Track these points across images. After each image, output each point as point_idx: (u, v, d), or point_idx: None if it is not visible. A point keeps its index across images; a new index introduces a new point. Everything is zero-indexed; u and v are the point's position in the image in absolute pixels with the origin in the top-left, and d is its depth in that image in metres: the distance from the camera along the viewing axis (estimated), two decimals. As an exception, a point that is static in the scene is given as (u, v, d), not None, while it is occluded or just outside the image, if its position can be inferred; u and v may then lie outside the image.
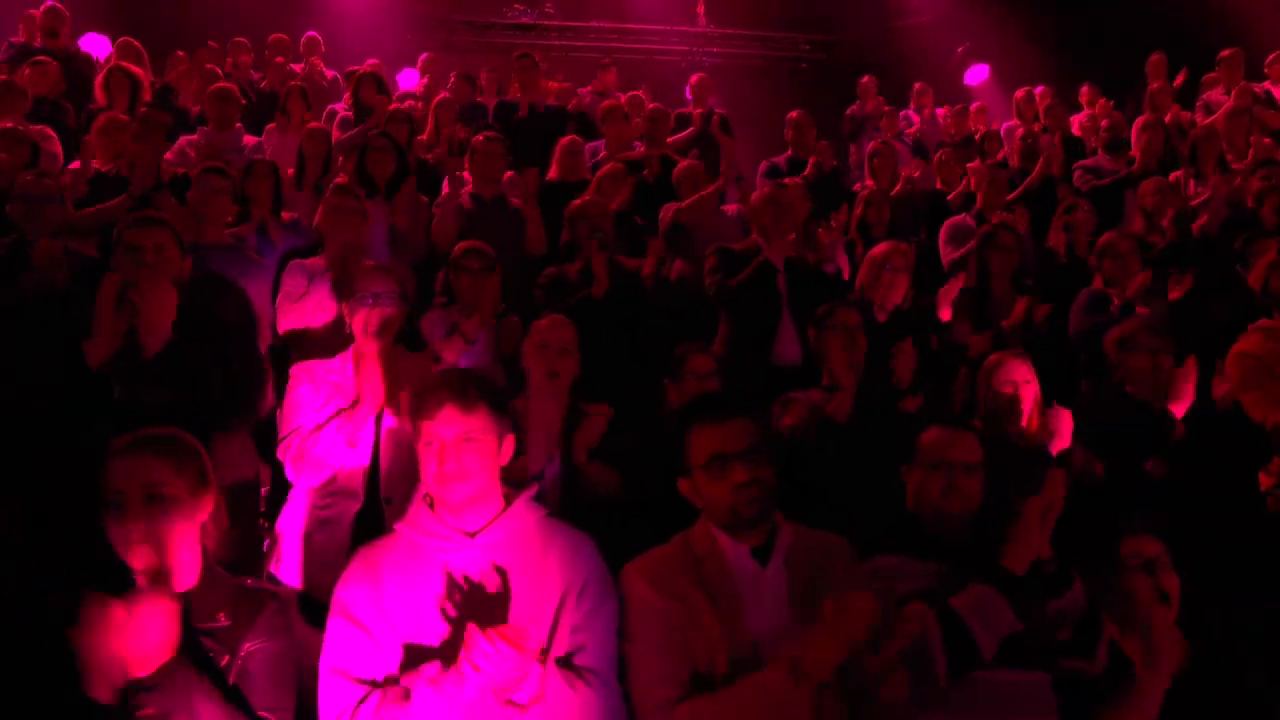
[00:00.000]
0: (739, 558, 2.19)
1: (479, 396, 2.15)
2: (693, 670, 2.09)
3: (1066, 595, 2.36)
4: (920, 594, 2.30)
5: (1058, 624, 2.35)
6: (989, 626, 2.23)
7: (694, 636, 2.10)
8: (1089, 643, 2.38)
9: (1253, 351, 3.77)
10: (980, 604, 2.24)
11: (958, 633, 2.21)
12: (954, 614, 2.22)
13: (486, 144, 5.15)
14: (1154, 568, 2.54)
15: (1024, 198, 6.32)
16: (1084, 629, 2.38)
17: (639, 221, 5.30)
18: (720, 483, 2.17)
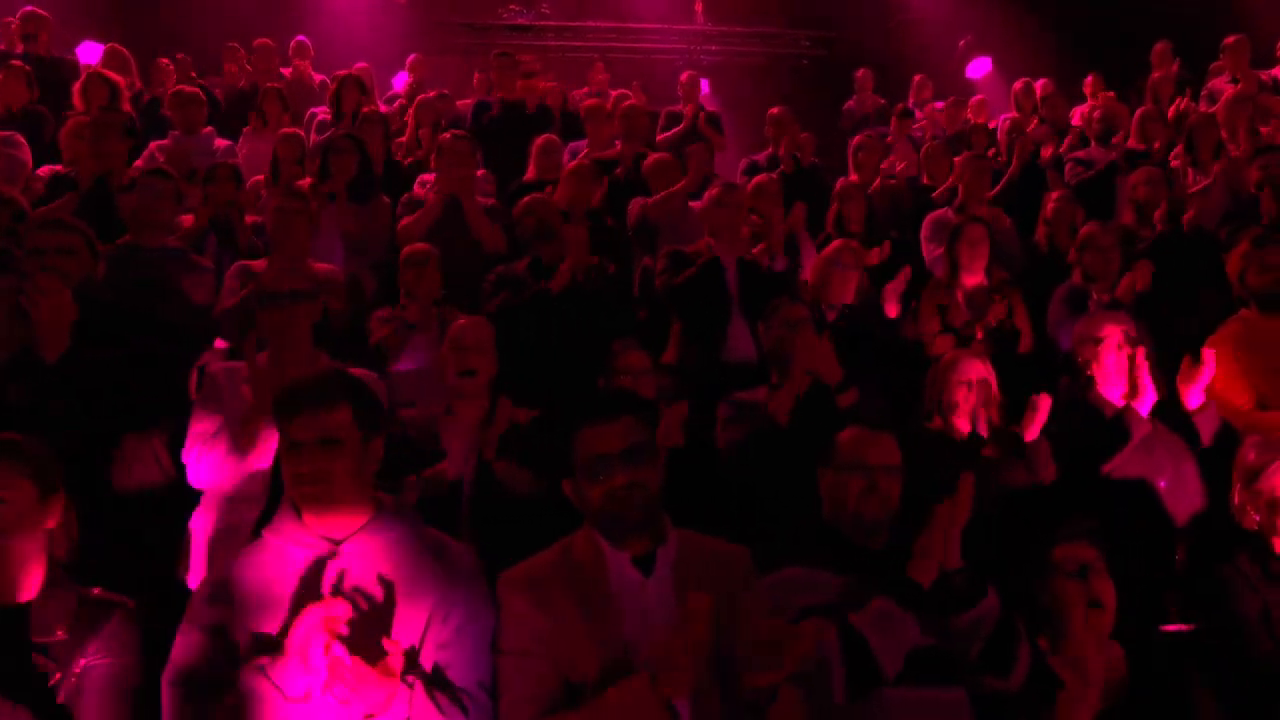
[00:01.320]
0: (620, 567, 2.07)
1: (341, 397, 2.05)
2: (565, 684, 1.98)
3: (978, 607, 2.21)
4: (823, 608, 2.17)
5: (969, 637, 2.20)
6: (891, 642, 2.10)
7: (566, 650, 1.99)
8: (1004, 658, 2.22)
9: (1228, 344, 3.61)
10: (881, 619, 2.11)
11: (857, 649, 2.08)
12: (853, 630, 2.09)
13: (453, 143, 5.07)
14: (1087, 575, 2.38)
15: (1009, 191, 6.15)
16: (998, 643, 2.22)
17: (609, 221, 5.19)
18: (598, 485, 2.06)
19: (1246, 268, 3.68)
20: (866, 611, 2.11)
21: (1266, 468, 2.60)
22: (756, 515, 2.89)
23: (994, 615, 2.21)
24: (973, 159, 5.70)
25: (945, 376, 3.45)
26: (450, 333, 3.23)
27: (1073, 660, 2.37)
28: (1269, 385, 3.47)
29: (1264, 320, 3.61)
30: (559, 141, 6.05)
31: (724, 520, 2.91)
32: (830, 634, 2.09)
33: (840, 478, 2.41)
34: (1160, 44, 8.55)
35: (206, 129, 5.94)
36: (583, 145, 6.82)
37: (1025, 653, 2.24)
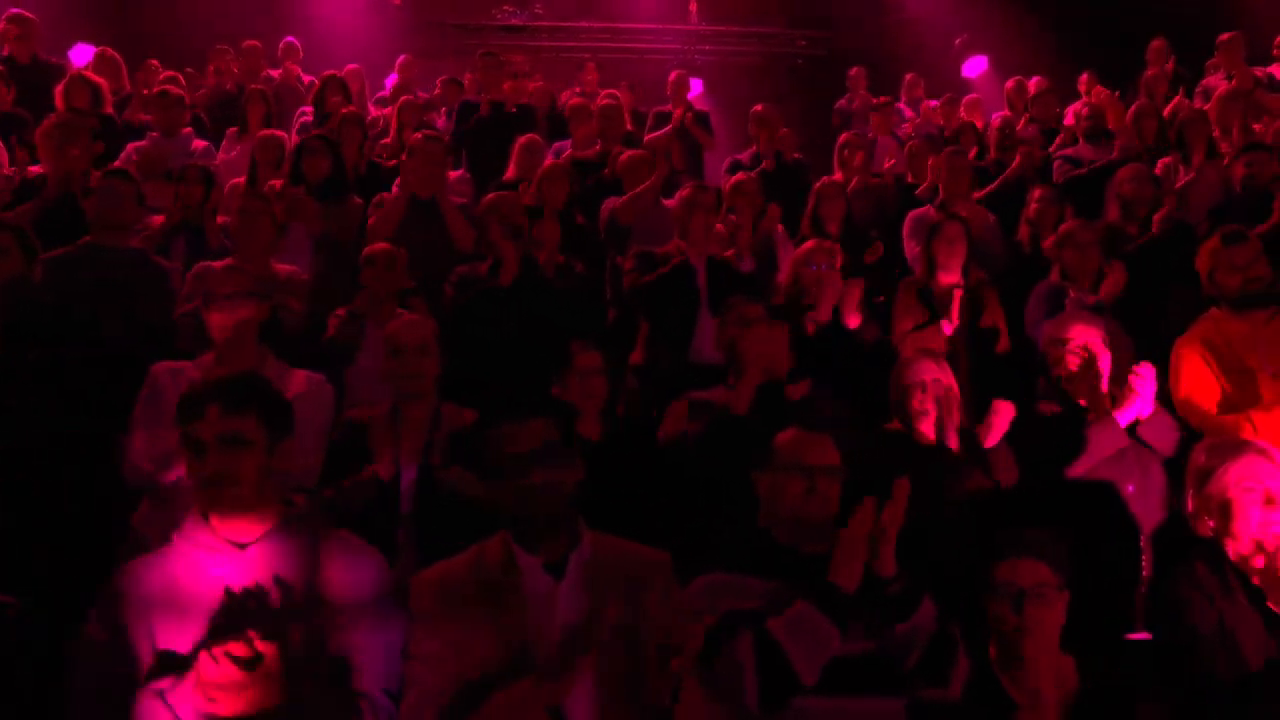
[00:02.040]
0: (530, 571, 2.03)
1: (248, 398, 2.01)
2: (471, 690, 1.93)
3: (914, 616, 2.15)
4: (745, 614, 2.11)
5: (906, 647, 2.14)
6: (809, 649, 2.04)
7: (472, 655, 1.95)
8: (941, 668, 2.15)
9: (1195, 345, 3.53)
10: (798, 625, 2.05)
11: (773, 656, 2.02)
12: (768, 636, 2.03)
13: (424, 143, 5.03)
14: (1023, 600, 2.30)
15: (1000, 190, 6.07)
16: (935, 654, 2.16)
17: (579, 220, 5.14)
18: (508, 486, 2.02)
19: (1215, 266, 3.59)
20: (784, 617, 2.05)
21: (1216, 470, 2.50)
22: (701, 516, 2.83)
23: (930, 625, 2.15)
24: (950, 156, 5.62)
25: (901, 378, 3.39)
26: (386, 334, 3.18)
27: (1020, 675, 2.30)
28: (1236, 387, 3.38)
29: (1233, 320, 3.51)
30: (540, 141, 6.01)
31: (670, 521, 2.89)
32: (745, 640, 2.03)
33: (778, 479, 2.35)
34: (1156, 41, 8.45)
35: (186, 130, 5.92)
36: (568, 145, 6.81)
37: (964, 665, 2.18)
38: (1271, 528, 2.40)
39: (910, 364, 3.41)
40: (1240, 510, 2.41)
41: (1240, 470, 2.44)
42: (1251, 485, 2.42)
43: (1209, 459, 2.53)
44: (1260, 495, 2.41)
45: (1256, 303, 3.47)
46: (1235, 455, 2.48)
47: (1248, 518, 2.40)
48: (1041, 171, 6.41)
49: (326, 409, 3.10)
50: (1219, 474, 2.47)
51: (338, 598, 1.99)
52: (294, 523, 2.05)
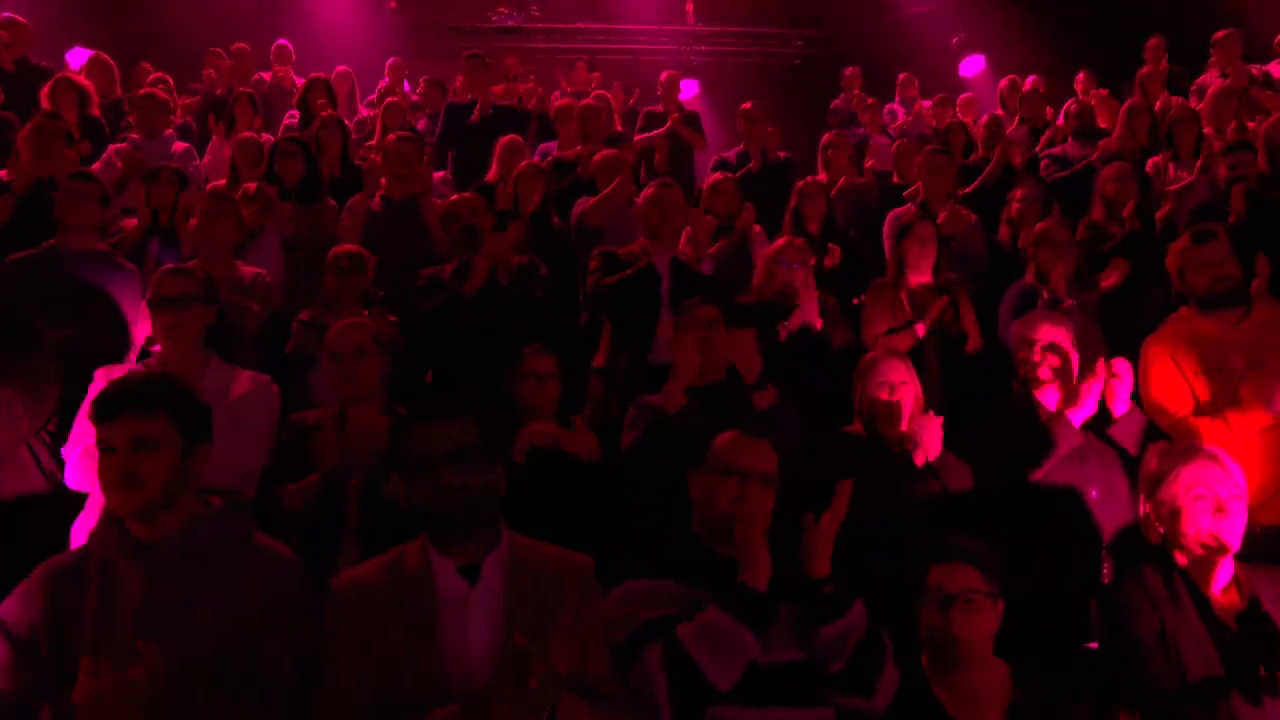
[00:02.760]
0: (444, 575, 2.00)
1: (159, 401, 1.99)
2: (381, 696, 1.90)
3: (843, 620, 2.10)
4: (663, 620, 2.07)
5: (833, 651, 2.09)
6: (721, 655, 1.99)
7: (382, 661, 1.92)
8: (867, 675, 2.11)
9: (1165, 345, 3.46)
10: (709, 631, 2.01)
11: (684, 666, 1.98)
12: (678, 645, 1.99)
13: (397, 144, 5.03)
14: (951, 605, 2.25)
15: (983, 189, 6.01)
16: (862, 659, 2.11)
17: (555, 222, 5.11)
18: (424, 485, 1.99)
19: (1185, 265, 3.51)
20: (694, 624, 2.01)
21: (1167, 475, 2.44)
22: (636, 520, 2.79)
23: (860, 629, 2.11)
24: (931, 155, 5.56)
25: (865, 379, 3.34)
26: (326, 338, 3.15)
27: (953, 683, 2.26)
28: (1206, 388, 3.30)
29: (1203, 320, 3.44)
30: (521, 142, 5.99)
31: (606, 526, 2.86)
32: (655, 650, 1.99)
33: (710, 482, 2.31)
34: (1153, 39, 8.36)
35: (168, 133, 5.92)
36: (554, 146, 6.78)
37: (891, 671, 2.13)
38: (1222, 535, 2.33)
39: (874, 364, 3.36)
40: (1189, 517, 2.35)
41: (1191, 476, 2.39)
42: (1201, 492, 2.37)
43: (1160, 465, 2.47)
44: (1210, 503, 2.35)
45: (1225, 302, 3.40)
46: (1186, 461, 2.42)
47: (1198, 525, 2.34)
48: (1029, 170, 6.35)
49: (270, 410, 3.07)
50: (1169, 480, 2.42)
51: (249, 600, 1.97)
52: (207, 525, 2.03)
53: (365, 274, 4.03)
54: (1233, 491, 2.37)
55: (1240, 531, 2.37)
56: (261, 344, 4.01)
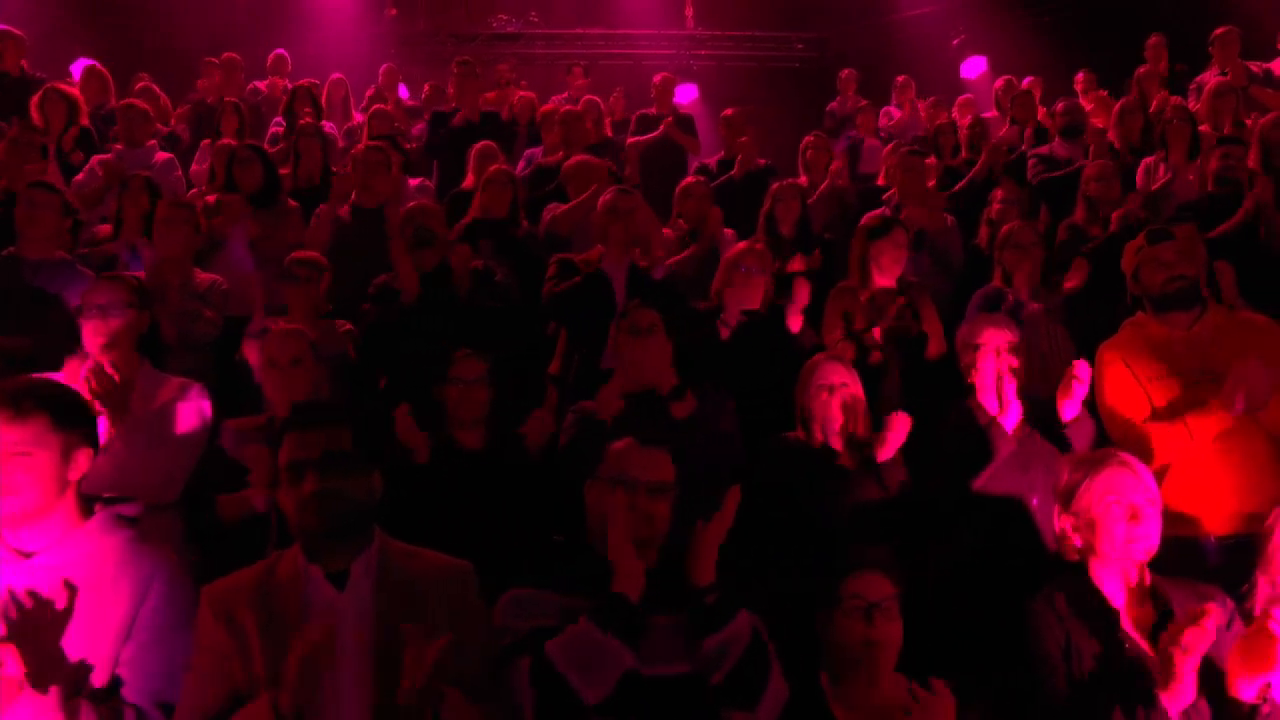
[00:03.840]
0: (312, 581, 1.99)
1: (35, 406, 1.99)
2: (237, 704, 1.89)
3: (725, 629, 2.05)
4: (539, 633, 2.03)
5: (713, 663, 2.05)
6: (590, 669, 1.95)
7: (246, 668, 1.91)
8: (750, 689, 2.05)
9: (1118, 351, 3.38)
10: (578, 644, 1.97)
11: (552, 679, 1.94)
12: (545, 658, 1.95)
13: (366, 153, 5.06)
14: (872, 615, 2.20)
15: (970, 189, 5.93)
16: (745, 670, 2.05)
17: (524, 227, 5.10)
18: (292, 492, 1.98)
19: (1140, 265, 3.42)
20: (563, 636, 1.98)
21: (1080, 486, 2.35)
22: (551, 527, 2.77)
23: (744, 639, 2.05)
24: (905, 157, 5.49)
25: (806, 381, 3.29)
26: (262, 347, 3.16)
27: (853, 699, 2.21)
28: (1161, 393, 3.21)
29: (1157, 323, 3.35)
30: (494, 148, 5.98)
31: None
32: (524, 662, 1.96)
33: (601, 490, 2.26)
34: (1153, 38, 8.23)
35: (150, 143, 5.98)
36: (539, 152, 6.79)
37: (778, 685, 2.08)
38: (1137, 543, 2.26)
39: (816, 367, 3.31)
40: (1104, 527, 2.28)
41: (1104, 484, 2.30)
42: (1115, 499, 2.28)
43: (1072, 475, 2.39)
44: (1125, 510, 2.27)
45: (1180, 303, 3.30)
46: (1098, 469, 2.34)
47: (1112, 535, 2.27)
48: (1017, 171, 6.26)
49: (198, 416, 3.08)
50: (1082, 490, 2.33)
51: (123, 605, 1.97)
52: (92, 530, 2.03)
53: (320, 282, 4.02)
54: (1147, 498, 2.29)
55: (1155, 538, 2.29)
56: (218, 350, 4.05)
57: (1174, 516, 3.07)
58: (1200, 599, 2.11)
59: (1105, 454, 2.39)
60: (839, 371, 3.29)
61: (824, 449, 3.22)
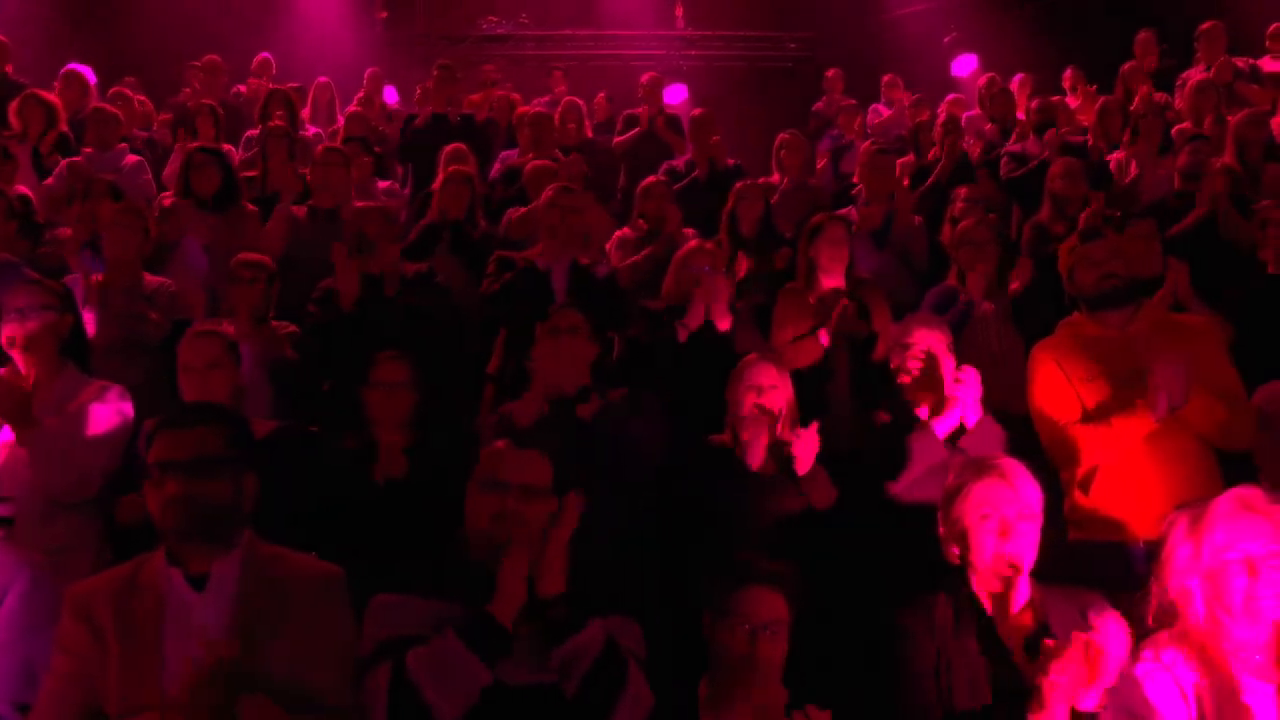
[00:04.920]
0: (171, 583, 1.99)
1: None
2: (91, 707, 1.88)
3: (577, 638, 2.02)
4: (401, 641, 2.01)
5: (565, 673, 2.01)
6: (448, 685, 1.93)
7: (101, 669, 1.91)
8: (603, 699, 2.02)
9: (1050, 353, 3.32)
10: (439, 658, 1.94)
11: (408, 691, 1.92)
12: (404, 670, 1.93)
13: (324, 155, 5.07)
14: (757, 636, 2.16)
15: (936, 188, 5.86)
16: (596, 682, 2.02)
17: (482, 228, 5.09)
18: (155, 493, 1.99)
19: (1074, 264, 3.36)
20: (426, 649, 1.95)
21: (958, 494, 2.28)
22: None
23: (595, 649, 2.02)
24: (872, 156, 5.43)
25: (734, 382, 3.24)
26: (179, 350, 3.15)
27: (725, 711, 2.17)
28: (1092, 395, 3.14)
29: (1091, 324, 3.28)
30: (463, 150, 5.99)
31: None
32: (382, 671, 1.94)
33: (473, 494, 2.24)
34: (1142, 33, 8.13)
35: (120, 146, 6.01)
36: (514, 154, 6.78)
37: (635, 694, 2.04)
38: (1007, 559, 2.18)
39: (747, 368, 3.26)
40: (976, 539, 2.22)
41: (978, 497, 2.23)
42: (988, 513, 2.21)
43: (953, 482, 2.32)
44: (996, 524, 2.20)
45: (1112, 302, 3.24)
46: (975, 480, 2.26)
47: (983, 548, 2.21)
48: (995, 169, 6.19)
49: (115, 417, 3.07)
50: (959, 499, 2.26)
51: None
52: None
53: (264, 284, 4.02)
54: (1020, 512, 2.21)
55: (1029, 552, 2.21)
56: (166, 353, 4.05)
57: (1102, 521, 3.07)
58: (1081, 609, 2.05)
59: (983, 464, 2.30)
60: (769, 373, 3.23)
61: (746, 454, 3.16)
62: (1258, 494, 2.08)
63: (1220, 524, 2.05)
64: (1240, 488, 2.10)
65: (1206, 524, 2.06)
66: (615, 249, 5.17)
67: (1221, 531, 2.04)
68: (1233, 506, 2.05)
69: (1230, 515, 2.04)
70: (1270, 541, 2.02)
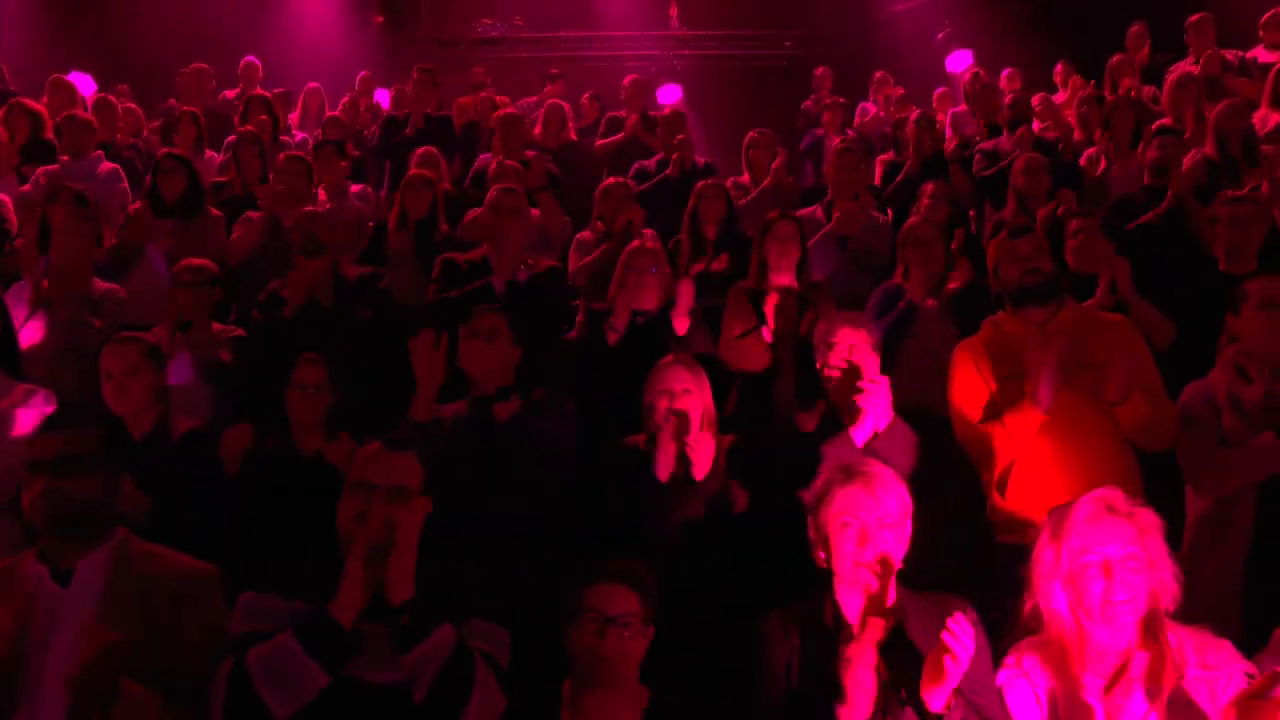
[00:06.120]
0: (39, 580, 2.05)
1: None
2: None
3: (426, 642, 2.02)
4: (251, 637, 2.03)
5: (414, 677, 2.02)
6: (283, 684, 1.94)
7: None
8: (451, 702, 2.02)
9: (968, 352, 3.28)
10: (277, 658, 1.96)
11: (244, 687, 1.94)
12: (244, 666, 1.95)
13: (285, 163, 5.14)
14: (606, 629, 2.14)
15: (906, 184, 5.81)
16: (443, 685, 2.02)
17: (443, 230, 5.11)
18: (26, 492, 2.05)
19: (999, 260, 3.32)
20: (265, 647, 1.97)
21: (823, 498, 2.24)
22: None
23: (444, 652, 2.02)
24: (838, 155, 5.39)
25: (649, 385, 3.22)
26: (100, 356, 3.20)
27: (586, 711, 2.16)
28: (1005, 395, 3.10)
29: (1013, 321, 3.24)
30: (435, 154, 6.03)
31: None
32: (224, 668, 1.96)
33: (344, 494, 2.25)
34: (1135, 26, 8.02)
35: (95, 154, 6.10)
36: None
37: (486, 697, 2.04)
38: (865, 565, 2.14)
39: (661, 370, 3.24)
40: (836, 545, 2.19)
41: (840, 502, 2.20)
42: (848, 520, 2.18)
43: (821, 486, 2.28)
44: (856, 531, 2.17)
45: (1034, 298, 3.20)
46: (839, 485, 2.22)
47: (843, 554, 2.18)
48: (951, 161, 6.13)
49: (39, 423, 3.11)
50: (823, 505, 2.23)
51: None
52: None
53: (206, 288, 4.06)
54: (881, 519, 2.16)
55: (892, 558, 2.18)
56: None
57: (1020, 523, 3.01)
58: (941, 612, 2.02)
59: (850, 469, 2.25)
60: (681, 377, 3.18)
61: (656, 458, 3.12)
62: (1118, 496, 2.05)
63: (1079, 527, 2.02)
64: (1102, 490, 2.07)
65: (1066, 527, 2.03)
66: (575, 250, 5.17)
67: (1079, 535, 2.01)
68: (1092, 509, 2.02)
69: (1089, 518, 2.01)
70: (1128, 544, 1.99)
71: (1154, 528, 2.03)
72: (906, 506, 2.23)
